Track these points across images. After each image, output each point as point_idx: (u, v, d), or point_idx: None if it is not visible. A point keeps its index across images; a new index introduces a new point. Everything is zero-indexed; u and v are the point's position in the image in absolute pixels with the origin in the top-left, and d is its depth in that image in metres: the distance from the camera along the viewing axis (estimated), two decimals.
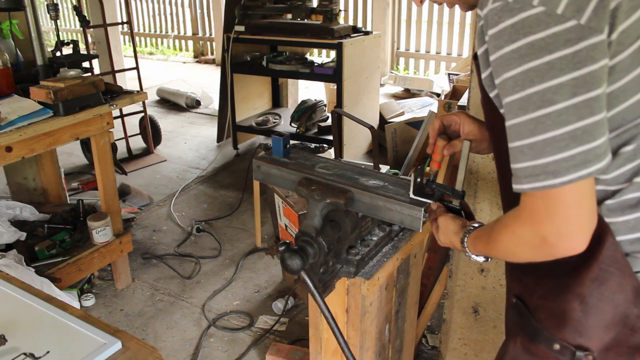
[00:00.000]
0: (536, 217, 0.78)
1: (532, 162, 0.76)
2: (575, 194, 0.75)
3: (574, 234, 0.76)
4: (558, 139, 0.73)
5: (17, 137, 2.05)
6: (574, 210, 0.75)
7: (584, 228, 0.76)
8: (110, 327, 1.04)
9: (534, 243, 0.79)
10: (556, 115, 0.73)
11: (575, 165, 0.73)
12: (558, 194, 0.75)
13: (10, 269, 2.05)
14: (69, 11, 9.63)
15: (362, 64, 4.03)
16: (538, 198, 0.77)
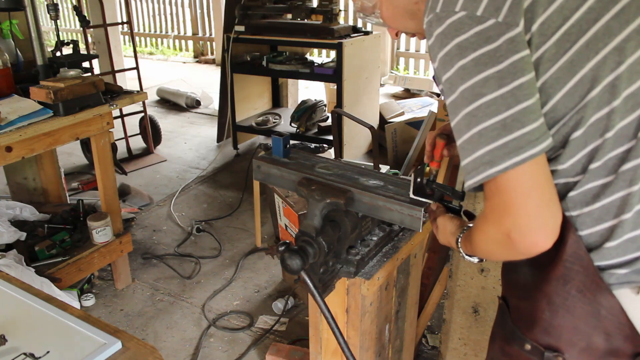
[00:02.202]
0: (496, 213, 0.80)
1: (471, 156, 0.79)
2: (522, 184, 0.76)
3: (534, 227, 0.77)
4: (490, 129, 0.77)
5: (17, 137, 2.05)
6: (527, 200, 0.76)
7: (544, 222, 0.77)
8: (110, 327, 1.04)
9: (500, 240, 0.81)
10: (485, 107, 0.77)
11: (508, 153, 0.76)
12: (507, 185, 0.77)
13: (10, 269, 2.05)
14: (69, 11, 9.63)
15: (362, 64, 4.03)
16: (494, 194, 0.79)
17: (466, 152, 0.80)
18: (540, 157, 0.77)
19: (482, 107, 0.77)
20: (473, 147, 0.78)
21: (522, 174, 0.76)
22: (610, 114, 0.79)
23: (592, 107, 0.79)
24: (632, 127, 0.79)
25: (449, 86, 0.81)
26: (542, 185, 0.77)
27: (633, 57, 0.78)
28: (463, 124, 0.80)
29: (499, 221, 0.79)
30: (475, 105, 0.78)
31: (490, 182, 0.78)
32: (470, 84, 0.78)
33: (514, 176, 0.76)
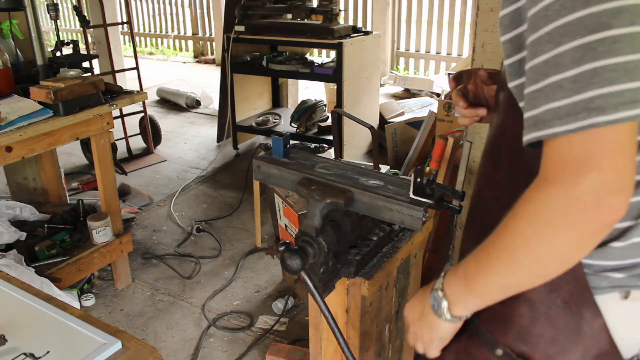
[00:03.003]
0: (574, 168, 0.64)
1: (573, 97, 0.63)
2: (621, 141, 0.63)
3: (620, 187, 0.64)
4: (609, 69, 0.62)
5: (17, 137, 2.05)
6: (620, 158, 0.63)
7: (629, 185, 0.65)
8: (110, 327, 1.04)
9: (575, 201, 0.64)
10: (611, 42, 0.62)
11: (624, 103, 0.62)
12: (603, 140, 0.63)
13: (10, 269, 2.05)
14: (69, 11, 9.63)
15: (362, 64, 4.03)
16: (577, 146, 0.64)
17: (563, 93, 0.64)
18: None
19: (606, 42, 0.62)
20: (579, 87, 0.63)
21: (626, 131, 0.63)
22: None
23: None
24: None
25: (559, 7, 0.64)
26: (635, 149, 0.65)
27: None
28: (571, 56, 0.63)
29: (577, 176, 0.63)
30: (598, 36, 0.62)
31: (581, 133, 0.63)
32: (598, 10, 0.62)
33: (617, 131, 0.62)
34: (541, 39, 0.66)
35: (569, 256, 0.69)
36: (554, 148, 0.66)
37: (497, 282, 0.76)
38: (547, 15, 0.66)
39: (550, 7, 0.65)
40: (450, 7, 6.58)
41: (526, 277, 0.73)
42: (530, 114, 0.68)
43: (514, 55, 0.78)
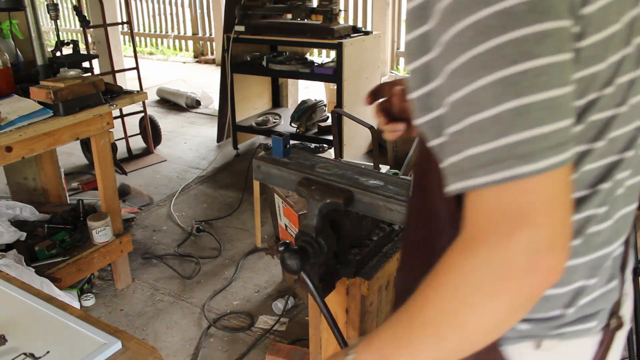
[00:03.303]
0: (505, 225, 0.54)
1: (495, 142, 0.53)
2: (555, 188, 0.54)
3: (559, 244, 0.54)
4: (534, 107, 0.52)
5: (17, 137, 2.05)
6: (555, 210, 0.54)
7: (566, 240, 0.55)
8: (110, 327, 1.04)
9: (516, 266, 0.54)
10: (535, 74, 0.51)
11: (554, 147, 0.52)
12: (535, 189, 0.53)
13: (10, 269, 2.05)
14: (69, 11, 9.63)
15: (362, 64, 4.03)
16: (503, 197, 0.54)
17: (484, 136, 0.53)
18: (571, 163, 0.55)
19: (530, 74, 0.51)
20: (502, 129, 0.52)
21: (560, 177, 0.53)
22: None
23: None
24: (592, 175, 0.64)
25: (473, 34, 0.53)
26: (569, 196, 0.56)
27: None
28: (490, 93, 0.53)
29: (509, 236, 0.53)
30: (519, 68, 0.51)
31: (509, 184, 0.53)
32: (518, 36, 0.51)
33: (550, 180, 0.53)
34: (457, 72, 0.55)
35: (502, 325, 0.59)
36: (479, 202, 0.56)
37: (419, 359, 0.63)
38: (461, 43, 0.54)
39: (465, 33, 0.54)
40: None
41: (454, 352, 0.61)
42: (451, 161, 0.57)
43: (421, 88, 0.65)
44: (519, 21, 0.51)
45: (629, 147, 0.65)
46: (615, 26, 0.58)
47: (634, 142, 0.66)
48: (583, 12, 0.56)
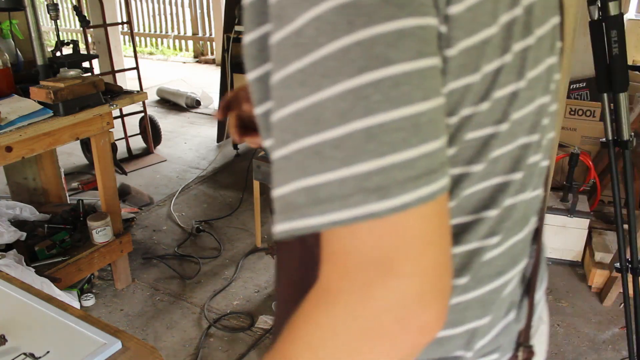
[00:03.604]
0: (364, 276, 0.42)
1: (339, 171, 0.40)
2: (425, 226, 0.42)
3: (436, 291, 0.43)
4: (391, 127, 0.40)
5: (17, 137, 2.05)
6: (429, 250, 0.42)
7: (445, 286, 0.44)
8: (110, 327, 1.04)
9: (381, 325, 0.42)
10: (392, 85, 0.39)
11: (417, 177, 0.40)
12: (396, 228, 0.41)
13: (10, 269, 2.05)
14: (69, 11, 9.63)
15: None
16: (359, 240, 0.41)
17: (324, 163, 0.41)
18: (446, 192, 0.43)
19: (384, 85, 0.39)
20: (348, 155, 0.40)
21: (430, 213, 0.42)
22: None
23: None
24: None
25: (313, 34, 0.41)
26: (445, 233, 0.44)
27: None
28: (333, 108, 0.40)
29: (369, 289, 0.42)
30: (371, 76, 0.39)
31: (364, 224, 0.41)
32: (367, 36, 0.39)
33: (417, 218, 0.41)
34: (291, 79, 0.42)
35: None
36: (330, 244, 0.43)
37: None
38: (300, 43, 0.41)
39: (304, 31, 0.41)
40: None
41: None
42: (277, 194, 0.44)
43: (266, 102, 0.52)
44: (369, 17, 0.39)
45: (515, 168, 0.55)
46: (490, 30, 0.47)
47: (520, 162, 0.56)
48: (449, 11, 0.44)
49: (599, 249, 2.83)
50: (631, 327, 2.08)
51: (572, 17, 0.85)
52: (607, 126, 1.96)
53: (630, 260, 2.02)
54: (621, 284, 2.17)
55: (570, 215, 2.86)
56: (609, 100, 1.91)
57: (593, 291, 2.79)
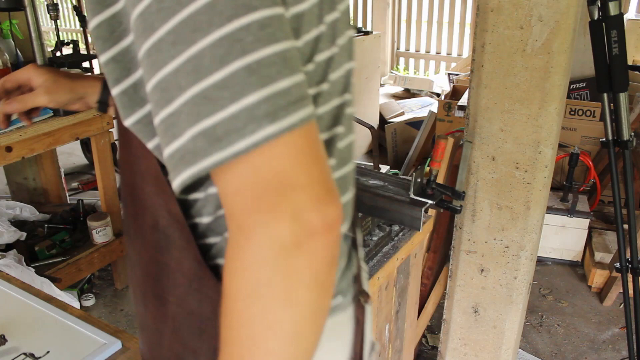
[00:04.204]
0: (270, 197, 0.47)
1: (230, 108, 0.45)
2: (307, 144, 0.48)
3: (330, 193, 0.49)
4: (266, 62, 0.46)
5: (17, 137, 2.05)
6: (315, 163, 0.49)
7: (334, 188, 0.50)
8: (110, 327, 1.04)
9: (299, 236, 0.47)
10: (259, 27, 0.46)
11: (295, 102, 0.47)
12: (285, 147, 0.47)
13: (10, 269, 2.05)
14: (69, 11, 9.62)
15: (362, 64, 4.03)
16: (255, 167, 0.47)
17: (214, 105, 0.46)
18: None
19: (253, 28, 0.45)
20: (235, 92, 0.45)
21: (309, 131, 0.49)
22: None
23: None
24: None
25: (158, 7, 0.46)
26: (322, 149, 0.51)
27: None
28: (211, 56, 0.45)
29: (278, 207, 0.46)
30: (240, 22, 0.45)
31: (257, 151, 0.46)
32: None
33: (300, 136, 0.48)
34: (163, 42, 0.46)
35: (322, 307, 0.51)
36: (228, 183, 0.48)
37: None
38: (163, 7, 0.46)
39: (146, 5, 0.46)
40: (450, 7, 6.58)
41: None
42: (172, 149, 0.48)
43: (125, 80, 0.56)
44: None
45: (337, 122, 0.63)
46: (309, 2, 0.54)
47: (338, 120, 0.63)
48: None
49: (599, 249, 2.83)
50: (631, 327, 2.08)
51: (572, 17, 0.88)
52: (607, 126, 1.96)
53: (630, 260, 2.02)
54: (621, 284, 2.17)
55: (570, 215, 2.86)
56: (609, 100, 1.91)
57: (593, 291, 2.79)
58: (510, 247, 1.67)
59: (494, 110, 1.55)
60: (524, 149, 1.54)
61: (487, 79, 1.54)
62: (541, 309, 2.67)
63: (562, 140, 3.13)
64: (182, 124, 0.47)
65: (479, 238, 1.71)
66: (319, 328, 0.52)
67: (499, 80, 1.52)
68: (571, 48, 1.45)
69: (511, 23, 1.45)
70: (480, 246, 1.72)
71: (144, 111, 0.56)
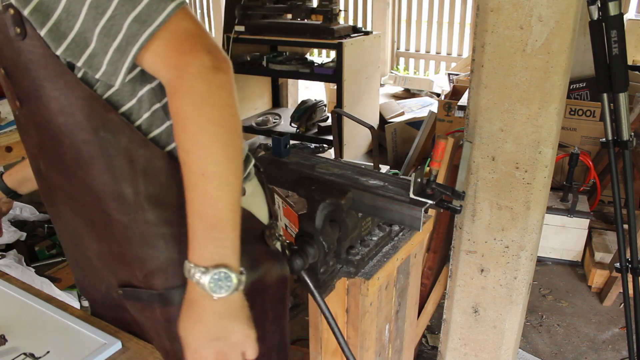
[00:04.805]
0: (189, 49, 0.73)
1: (141, 5, 0.71)
2: (190, 15, 0.75)
3: (202, 32, 0.75)
4: None
5: (17, 137, 2.05)
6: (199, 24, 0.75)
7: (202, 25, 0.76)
8: (110, 327, 1.04)
9: (212, 68, 0.72)
10: None
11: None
12: (181, 22, 0.73)
13: (10, 269, 2.05)
14: None
15: (362, 64, 4.03)
16: (173, 38, 0.73)
17: (133, 2, 0.71)
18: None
19: None
20: (127, 8, 0.71)
21: (187, 7, 0.75)
22: None
23: None
24: None
25: None
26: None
27: None
28: None
29: (189, 58, 0.72)
30: None
31: (161, 31, 0.72)
32: None
33: (185, 9, 0.74)
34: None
35: (236, 115, 0.76)
36: (157, 48, 0.72)
37: (235, 187, 0.76)
38: None
39: None
40: (450, 7, 6.58)
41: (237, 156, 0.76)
42: (116, 43, 0.72)
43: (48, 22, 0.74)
44: None
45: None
46: None
47: None
48: None
49: (599, 249, 2.83)
50: (631, 327, 2.08)
51: (572, 17, 0.89)
52: (607, 126, 1.95)
53: (630, 260, 2.02)
54: (621, 284, 2.17)
55: (570, 215, 2.86)
56: (609, 100, 1.91)
57: (593, 291, 2.79)
58: (510, 247, 1.67)
59: (494, 110, 1.55)
60: (524, 149, 1.54)
61: (487, 79, 1.54)
62: (541, 309, 2.67)
63: (562, 140, 3.13)
64: (119, 22, 0.71)
65: (479, 238, 1.71)
66: (238, 131, 0.76)
67: (499, 80, 1.52)
68: (571, 48, 1.45)
69: (511, 23, 1.45)
70: (480, 246, 1.71)
71: (68, 40, 0.73)
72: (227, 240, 0.76)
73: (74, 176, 0.84)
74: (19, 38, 0.75)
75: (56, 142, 0.81)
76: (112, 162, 0.80)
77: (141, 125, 0.81)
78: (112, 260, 0.92)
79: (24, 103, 0.82)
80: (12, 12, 0.74)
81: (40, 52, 0.75)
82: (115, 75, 0.74)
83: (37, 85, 0.78)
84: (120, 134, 0.79)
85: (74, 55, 0.74)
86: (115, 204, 0.83)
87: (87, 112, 0.77)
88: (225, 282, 0.75)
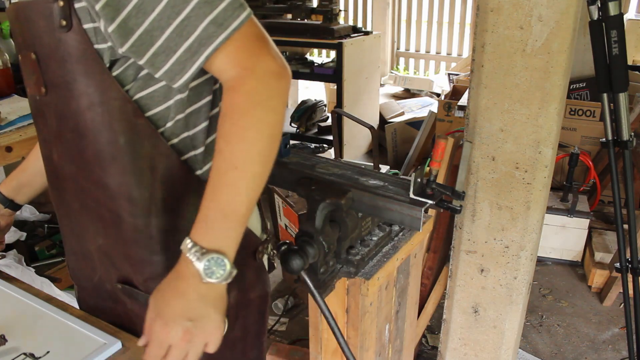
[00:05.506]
0: (251, 60, 0.76)
1: (220, 5, 0.74)
2: (257, 27, 0.78)
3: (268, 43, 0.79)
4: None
5: (17, 137, 2.05)
6: (265, 36, 0.79)
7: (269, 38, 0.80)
8: (110, 327, 1.04)
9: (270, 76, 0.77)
10: None
11: (243, 3, 0.77)
12: (247, 33, 0.76)
13: (10, 269, 2.05)
14: None
15: (362, 64, 4.03)
16: (238, 49, 0.76)
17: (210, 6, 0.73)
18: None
19: None
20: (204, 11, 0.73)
21: (254, 21, 0.78)
22: None
23: None
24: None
25: None
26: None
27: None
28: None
29: (257, 61, 0.76)
30: None
31: (237, 34, 0.75)
32: None
33: (253, 19, 0.78)
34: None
35: (282, 122, 0.80)
36: (230, 50, 0.76)
37: (259, 188, 0.80)
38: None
39: None
40: (450, 7, 6.58)
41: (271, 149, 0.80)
42: (189, 42, 0.74)
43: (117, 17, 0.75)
44: None
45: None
46: None
47: None
48: None
49: (599, 249, 2.83)
50: (631, 327, 2.08)
51: (572, 17, 0.89)
52: (607, 126, 1.95)
53: (630, 260, 2.02)
54: (621, 284, 2.17)
55: (570, 215, 2.86)
56: (609, 100, 1.91)
57: (593, 291, 2.79)
58: (510, 247, 1.67)
59: (494, 110, 1.55)
60: (524, 149, 1.54)
61: (487, 79, 1.54)
62: (541, 309, 2.67)
63: (562, 140, 3.13)
64: (194, 23, 0.73)
65: (479, 238, 1.71)
66: (279, 139, 0.80)
67: (499, 80, 1.52)
68: (571, 48, 1.45)
69: (511, 23, 1.45)
70: (480, 246, 1.71)
71: (135, 36, 0.74)
72: (233, 232, 0.78)
73: (90, 172, 0.85)
74: (63, 30, 0.75)
75: (78, 135, 0.82)
76: (133, 166, 0.81)
77: (164, 132, 0.83)
78: (114, 257, 0.93)
79: (50, 91, 0.82)
80: (62, 3, 0.74)
81: (82, 47, 0.76)
82: (181, 75, 0.76)
83: (70, 78, 0.78)
84: (145, 139, 0.81)
85: (138, 52, 0.75)
86: (128, 206, 0.84)
87: (117, 113, 0.79)
88: (219, 269, 0.77)
